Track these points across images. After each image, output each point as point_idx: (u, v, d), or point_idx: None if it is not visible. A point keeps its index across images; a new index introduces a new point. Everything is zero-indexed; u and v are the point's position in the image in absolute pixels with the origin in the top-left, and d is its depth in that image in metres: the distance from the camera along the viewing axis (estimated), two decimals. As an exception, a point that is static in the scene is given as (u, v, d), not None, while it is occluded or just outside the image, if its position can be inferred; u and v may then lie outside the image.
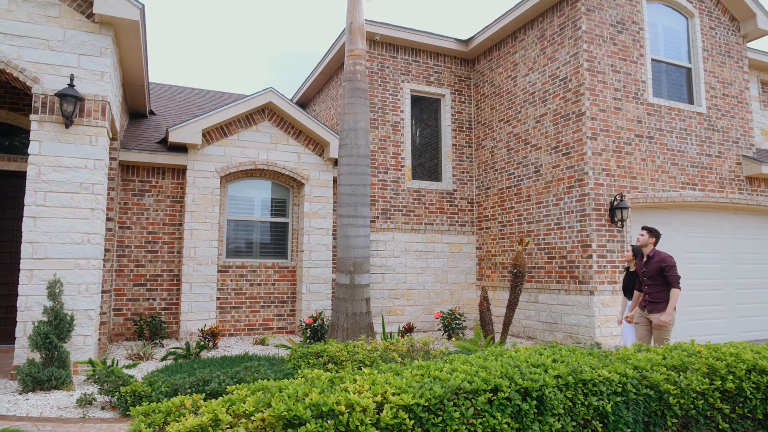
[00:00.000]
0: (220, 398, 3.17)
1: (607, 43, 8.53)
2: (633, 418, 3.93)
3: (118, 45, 7.09)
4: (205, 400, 4.84)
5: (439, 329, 9.76)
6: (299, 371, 5.21)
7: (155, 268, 8.78)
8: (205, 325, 8.27)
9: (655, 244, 6.10)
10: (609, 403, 3.79)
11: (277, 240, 9.78)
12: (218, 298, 9.01)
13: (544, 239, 8.95)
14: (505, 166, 10.10)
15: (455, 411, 3.24)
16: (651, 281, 6.02)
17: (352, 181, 7.60)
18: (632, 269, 6.68)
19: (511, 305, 8.19)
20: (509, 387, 3.50)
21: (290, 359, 5.41)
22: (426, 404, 3.20)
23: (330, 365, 5.18)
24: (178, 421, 3.03)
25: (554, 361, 4.11)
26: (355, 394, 3.17)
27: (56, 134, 6.26)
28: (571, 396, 3.71)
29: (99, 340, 7.04)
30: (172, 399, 3.16)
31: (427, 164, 10.95)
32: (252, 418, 2.95)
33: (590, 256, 8.00)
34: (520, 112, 9.76)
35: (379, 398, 3.15)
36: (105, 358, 6.27)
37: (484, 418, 3.32)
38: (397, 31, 10.42)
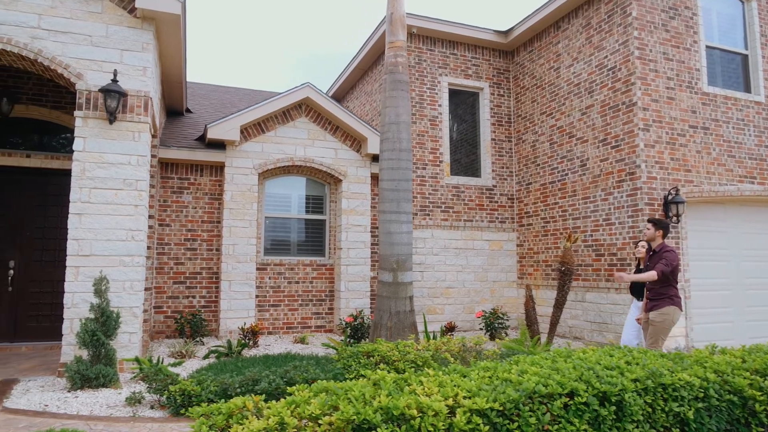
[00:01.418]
0: (283, 400, 3.01)
1: (658, 29, 8.14)
2: (716, 426, 3.64)
3: (158, 40, 7.04)
4: (265, 401, 4.71)
5: (480, 329, 9.50)
6: (350, 371, 5.05)
7: (194, 266, 8.74)
8: (245, 324, 8.18)
9: (664, 237, 5.66)
10: (690, 409, 3.51)
11: (314, 237, 9.65)
12: (257, 296, 8.92)
13: (591, 236, 8.60)
14: (548, 160, 9.77)
15: (531, 416, 3.02)
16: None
17: (394, 176, 7.40)
18: (642, 266, 6.29)
19: (558, 304, 7.89)
20: (586, 391, 3.26)
21: (339, 359, 5.24)
22: (500, 409, 2.98)
23: (382, 365, 4.99)
24: (241, 424, 2.87)
25: (627, 363, 3.85)
26: (425, 396, 2.97)
27: (100, 130, 6.22)
28: (650, 401, 3.45)
29: (141, 337, 7.00)
30: (232, 400, 3.01)
31: (462, 160, 10.69)
32: (319, 421, 2.77)
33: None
34: (564, 104, 9.42)
35: (450, 402, 2.95)
36: (150, 356, 6.21)
37: (560, 424, 3.09)
38: (434, 24, 10.18)
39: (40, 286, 7.88)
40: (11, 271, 7.76)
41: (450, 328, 8.58)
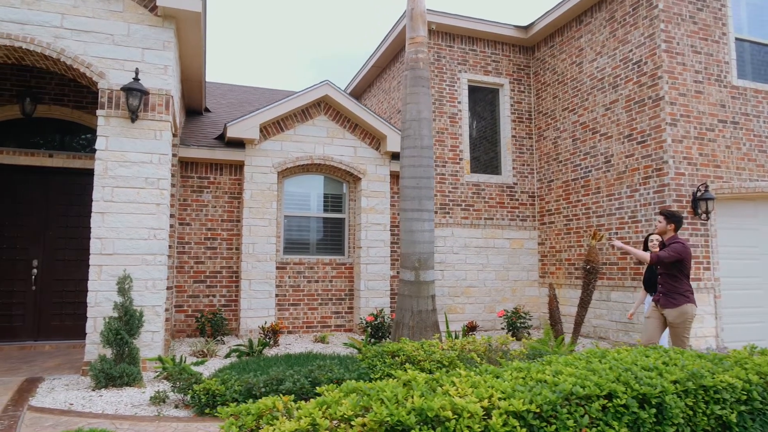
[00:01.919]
0: (313, 400, 2.94)
1: (686, 21, 7.94)
2: (760, 430, 3.50)
3: (178, 39, 7.02)
4: (294, 402, 4.65)
5: (502, 328, 9.36)
6: (375, 371, 4.97)
7: (214, 265, 8.73)
8: (265, 323, 8.15)
9: (676, 230, 5.44)
10: (733, 412, 3.38)
11: (334, 236, 9.59)
12: (276, 295, 8.89)
13: (616, 233, 8.42)
14: (571, 157, 9.60)
15: (569, 419, 2.91)
16: (664, 270, 5.42)
17: (415, 174, 7.32)
18: None
19: (583, 303, 7.73)
20: (625, 393, 3.15)
21: (363, 358, 5.17)
22: (537, 410, 2.87)
23: (407, 365, 4.90)
24: (271, 425, 2.80)
25: (665, 364, 3.72)
26: (459, 398, 2.88)
27: (122, 129, 6.22)
28: (691, 404, 3.32)
29: (163, 336, 6.99)
30: (262, 400, 2.94)
31: (482, 158, 10.55)
32: (352, 423, 2.70)
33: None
34: (587, 99, 9.24)
35: (485, 403, 2.85)
36: (173, 355, 6.19)
37: (598, 427, 2.98)
38: (453, 20, 10.06)
39: (64, 285, 7.93)
40: (35, 270, 7.81)
41: (471, 328, 8.46)
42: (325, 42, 70.19)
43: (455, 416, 2.73)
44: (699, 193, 7.60)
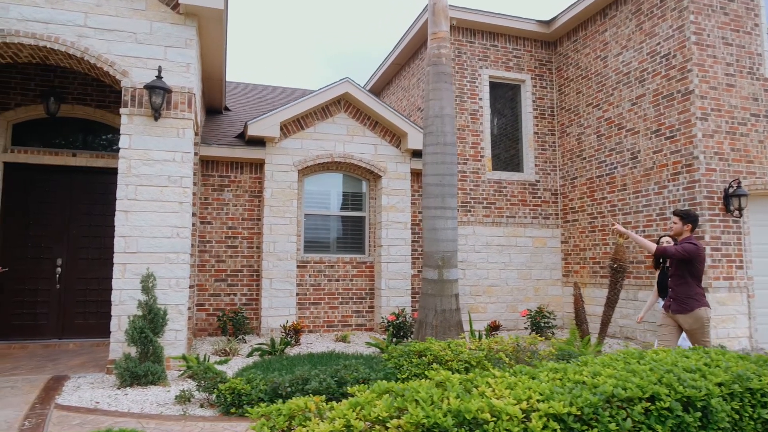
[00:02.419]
0: (346, 401, 2.86)
1: (716, 13, 7.71)
2: (810, 435, 3.34)
3: (200, 36, 7.00)
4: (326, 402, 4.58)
5: (525, 328, 9.21)
6: (402, 371, 4.88)
7: (235, 264, 8.72)
8: (287, 321, 8.11)
9: (692, 231, 5.16)
10: (782, 416, 3.23)
11: (354, 234, 9.52)
12: (297, 294, 8.85)
13: (644, 231, 8.22)
14: (595, 153, 9.41)
15: (610, 422, 2.79)
16: (675, 272, 5.16)
17: (438, 171, 7.21)
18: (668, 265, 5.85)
19: (610, 303, 7.56)
20: (669, 395, 3.01)
21: (389, 358, 5.08)
22: (578, 413, 2.76)
23: (435, 365, 4.81)
24: (303, 426, 2.73)
25: (706, 365, 3.57)
26: (496, 399, 2.78)
27: (145, 127, 6.21)
28: (737, 408, 3.18)
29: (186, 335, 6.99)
30: (293, 401, 2.87)
31: (502, 155, 10.39)
32: (387, 425, 2.61)
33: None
34: (612, 94, 9.04)
35: (524, 405, 2.74)
36: (197, 354, 6.17)
37: (641, 431, 2.85)
38: (474, 15, 9.92)
39: (87, 283, 7.97)
40: (59, 269, 7.86)
41: (494, 327, 8.33)
42: (339, 40, 70.26)
43: (494, 419, 2.63)
44: (731, 190, 7.38)
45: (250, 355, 6.94)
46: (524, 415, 2.73)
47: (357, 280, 9.30)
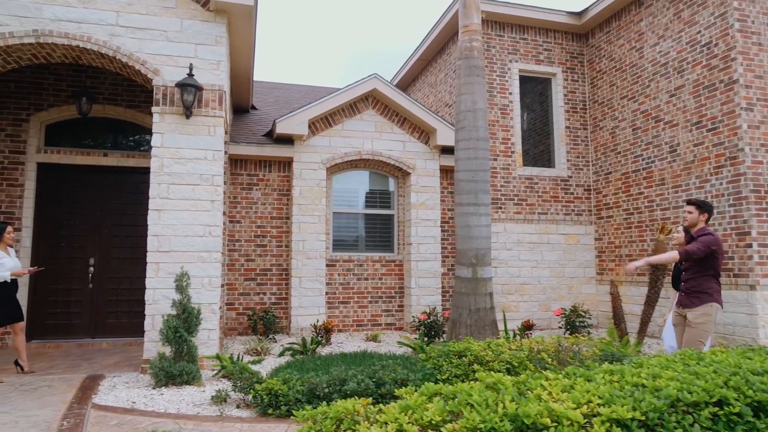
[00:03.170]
0: (395, 404, 2.74)
1: (761, -2, 7.38)
2: None
3: (229, 34, 6.95)
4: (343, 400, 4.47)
5: (560, 327, 8.98)
6: (442, 372, 4.74)
7: (264, 263, 8.67)
8: (317, 321, 8.03)
9: (707, 221, 4.79)
10: None
11: (383, 233, 9.40)
12: (326, 293, 8.76)
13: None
14: (631, 147, 9.12)
15: (676, 428, 2.61)
16: (688, 266, 4.79)
17: (471, 167, 7.04)
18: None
19: (650, 302, 7.30)
20: (738, 400, 2.82)
21: (428, 358, 4.94)
22: (642, 418, 2.58)
23: (475, 366, 4.66)
24: (353, 430, 2.61)
25: (773, 367, 3.35)
26: (555, 403, 2.62)
27: (177, 126, 6.19)
28: (813, 413, 2.96)
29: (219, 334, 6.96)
30: (341, 404, 2.76)
31: (531, 151, 10.15)
32: (441, 429, 2.48)
33: (749, 245, 6.93)
34: (649, 86, 8.74)
35: (584, 409, 2.58)
36: (231, 354, 6.12)
37: (709, 438, 2.67)
38: (503, 7, 9.71)
39: (119, 282, 8.00)
40: (91, 268, 7.91)
41: (528, 327, 8.12)
42: (358, 41, 70.27)
43: (554, 424, 2.48)
44: (779, 183, 7.06)
45: (281, 354, 6.87)
46: (585, 420, 2.57)
47: (386, 278, 9.18)
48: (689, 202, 4.85)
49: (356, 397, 3.03)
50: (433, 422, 2.53)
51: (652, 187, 8.59)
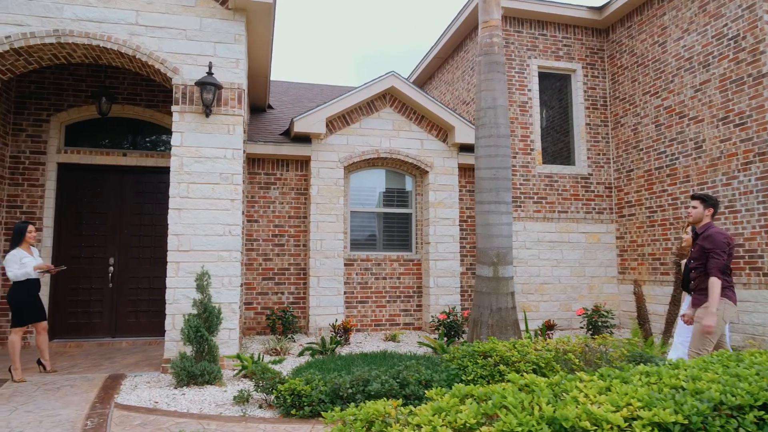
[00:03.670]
0: (425, 406, 2.66)
1: (791, -11, 7.18)
2: None
3: (247, 32, 6.92)
4: (367, 401, 4.40)
5: (581, 327, 8.83)
6: (467, 372, 4.65)
7: (282, 262, 8.64)
8: (336, 320, 7.97)
9: (713, 216, 4.60)
10: None
11: (400, 232, 9.32)
12: (344, 293, 8.70)
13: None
14: (653, 144, 8.94)
15: (720, 432, 2.50)
16: (696, 264, 4.56)
17: (492, 164, 6.94)
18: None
19: (675, 301, 7.11)
20: (786, 403, 2.70)
21: (452, 359, 4.86)
22: (685, 422, 2.48)
23: (501, 366, 4.57)
24: (385, 432, 2.54)
25: (817, 369, 3.22)
26: (593, 406, 2.53)
27: (196, 124, 6.17)
28: None
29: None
30: (372, 405, 2.69)
31: (550, 148, 9.99)
32: (476, 433, 2.40)
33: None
34: (672, 81, 8.56)
35: (624, 413, 2.48)
36: (252, 354, 6.09)
37: (754, 444, 2.55)
38: (522, 3, 9.57)
39: (138, 282, 8.02)
40: (111, 268, 7.93)
41: (549, 327, 7.99)
42: (370, 42, 70.26)
43: (594, 427, 2.38)
44: (811, 179, 6.85)
45: (301, 354, 6.83)
46: (627, 423, 2.48)
47: (404, 278, 9.10)
48: (694, 197, 4.67)
49: (385, 399, 2.96)
50: (467, 425, 2.45)
51: (677, 184, 8.41)
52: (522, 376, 3.04)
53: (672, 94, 8.56)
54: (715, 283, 4.34)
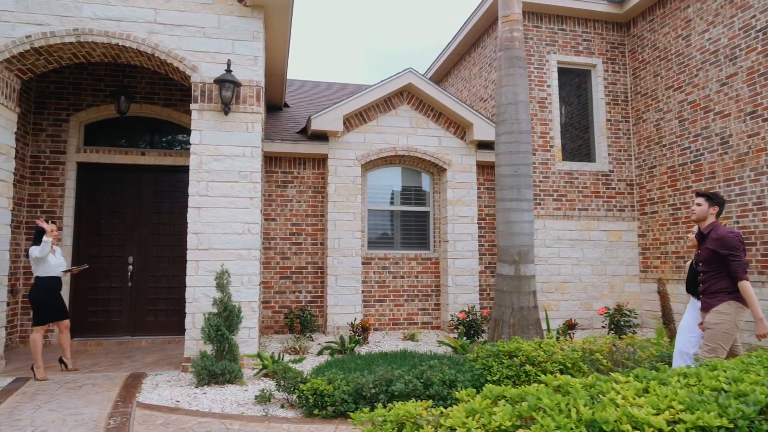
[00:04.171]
0: (456, 407, 2.59)
1: (822, -21, 6.96)
2: None
3: (265, 29, 6.88)
4: (390, 402, 4.34)
5: (603, 327, 8.68)
6: (492, 373, 4.56)
7: (300, 261, 8.60)
8: (355, 319, 7.91)
9: (718, 215, 4.36)
10: None
11: (418, 230, 9.23)
12: (362, 292, 8.64)
13: (737, 223, 7.55)
14: (677, 140, 8.74)
15: (767, 437, 2.39)
16: (705, 267, 4.30)
17: (513, 161, 6.83)
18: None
19: (702, 300, 6.95)
20: (836, 407, 2.57)
21: (476, 359, 4.77)
22: (730, 426, 2.37)
23: (527, 366, 4.47)
24: (418, 435, 2.46)
25: None
26: (631, 407, 2.43)
27: (215, 122, 6.14)
28: None
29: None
30: (402, 406, 2.62)
31: (569, 145, 9.82)
32: (512, 436, 2.31)
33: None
34: (697, 75, 8.36)
35: (666, 415, 2.38)
36: (272, 353, 6.05)
37: (801, 450, 2.44)
38: (541, -2, 9.42)
39: (157, 281, 8.03)
40: (130, 267, 7.95)
41: (571, 326, 7.85)
42: (382, 41, 70.13)
43: (635, 431, 2.29)
44: (844, 174, 6.64)
45: (320, 353, 6.78)
46: (669, 427, 2.37)
47: (422, 276, 9.01)
48: (699, 194, 4.44)
49: (414, 400, 2.88)
50: (502, 428, 2.37)
51: (701, 180, 8.21)
52: (555, 377, 2.94)
53: (696, 88, 8.36)
54: (747, 287, 4.10)
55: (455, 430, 2.36)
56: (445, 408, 2.62)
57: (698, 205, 4.39)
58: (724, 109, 7.85)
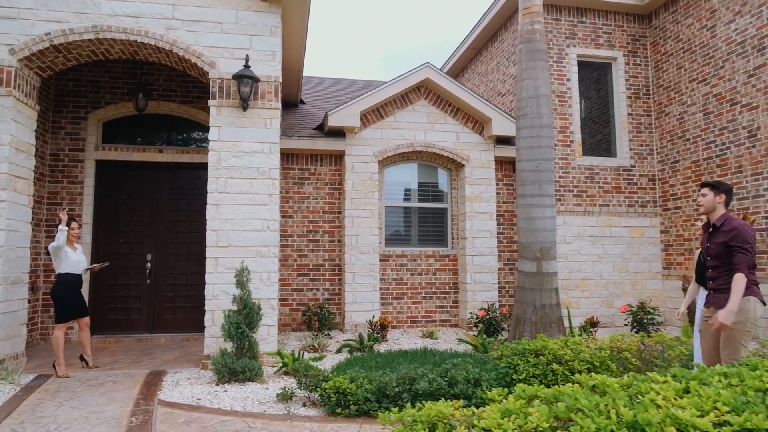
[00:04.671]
0: (489, 408, 2.50)
1: None
2: None
3: (283, 25, 6.82)
4: (414, 401, 4.25)
5: (626, 324, 8.52)
6: (518, 371, 4.46)
7: (317, 258, 8.55)
8: (373, 317, 7.84)
9: (726, 205, 4.05)
10: None
11: (436, 227, 9.13)
12: (380, 289, 8.57)
13: (765, 218, 7.35)
14: (702, 133, 8.54)
15: (820, 442, 2.27)
16: (715, 262, 4.02)
17: (534, 156, 6.70)
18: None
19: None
20: None
21: (501, 357, 4.67)
22: (780, 429, 2.24)
23: (554, 365, 4.36)
24: (451, 436, 2.38)
25: None
26: (674, 409, 2.32)
27: (233, 118, 6.10)
28: None
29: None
30: (433, 406, 2.53)
31: (588, 140, 9.65)
32: (552, 439, 2.22)
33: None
34: (723, 67, 8.15)
35: (712, 417, 2.27)
36: (293, 351, 6.00)
37: None
38: (560, -10, 9.26)
39: (175, 278, 8.03)
40: (149, 264, 7.96)
41: (593, 324, 7.71)
42: (394, 38, 69.97)
43: (681, 434, 2.18)
44: None
45: (339, 351, 6.72)
46: (716, 430, 2.27)
47: (440, 274, 8.92)
48: (703, 185, 4.15)
49: (443, 399, 2.79)
50: (539, 429, 2.27)
51: (728, 175, 8.01)
52: (590, 376, 2.84)
53: (722, 80, 8.15)
54: (740, 279, 3.81)
55: (490, 431, 2.28)
56: (470, 407, 2.54)
57: (703, 195, 4.10)
58: (752, 101, 7.64)
